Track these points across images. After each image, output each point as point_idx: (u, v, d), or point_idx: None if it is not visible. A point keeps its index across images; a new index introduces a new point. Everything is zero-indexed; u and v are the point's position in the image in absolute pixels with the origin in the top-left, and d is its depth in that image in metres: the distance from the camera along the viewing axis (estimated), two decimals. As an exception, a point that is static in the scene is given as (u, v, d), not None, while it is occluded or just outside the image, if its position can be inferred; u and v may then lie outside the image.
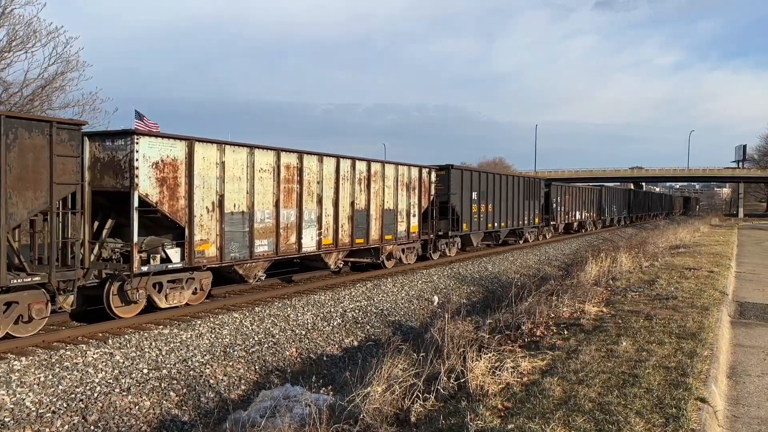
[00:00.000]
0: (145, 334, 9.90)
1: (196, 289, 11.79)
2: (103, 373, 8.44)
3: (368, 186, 16.11)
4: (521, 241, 28.62)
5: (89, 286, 10.46)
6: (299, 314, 12.36)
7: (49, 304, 9.22)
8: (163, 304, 11.03)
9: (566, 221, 35.77)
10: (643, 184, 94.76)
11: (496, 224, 24.73)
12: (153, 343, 9.60)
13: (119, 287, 10.45)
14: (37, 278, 8.83)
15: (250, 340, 10.71)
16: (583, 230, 40.34)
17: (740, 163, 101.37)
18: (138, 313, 10.80)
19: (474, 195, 22.47)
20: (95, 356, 8.77)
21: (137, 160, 10.01)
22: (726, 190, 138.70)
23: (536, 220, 29.67)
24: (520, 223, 27.64)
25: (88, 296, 10.62)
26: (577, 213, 38.22)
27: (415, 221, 18.62)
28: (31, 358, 8.34)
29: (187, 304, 11.60)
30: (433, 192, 19.84)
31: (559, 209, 33.91)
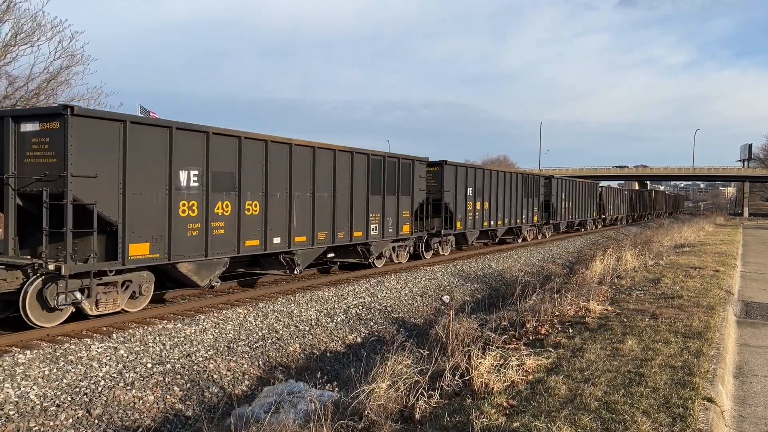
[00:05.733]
0: (149, 328, 9.90)
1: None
2: (108, 367, 8.45)
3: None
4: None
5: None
6: (303, 310, 12.35)
7: None
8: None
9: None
10: (648, 182, 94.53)
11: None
12: (157, 338, 9.60)
13: None
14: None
15: (254, 335, 10.71)
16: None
17: (746, 162, 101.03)
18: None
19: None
20: (99, 350, 8.77)
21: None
22: (731, 190, 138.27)
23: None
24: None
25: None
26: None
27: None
28: (35, 351, 8.35)
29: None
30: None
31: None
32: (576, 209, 34.93)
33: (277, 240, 12.69)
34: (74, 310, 9.58)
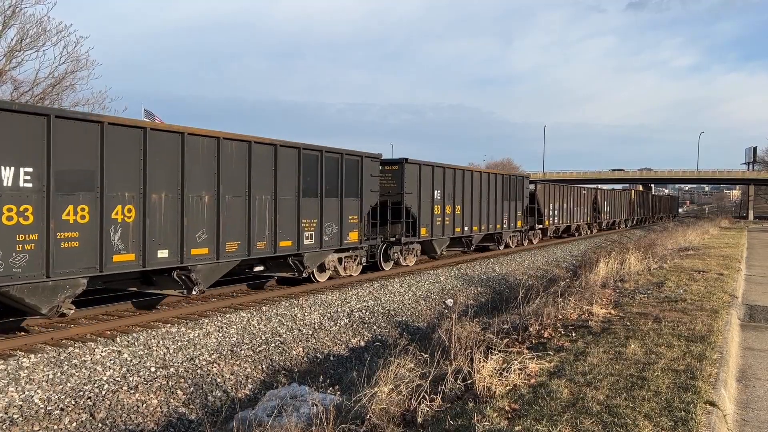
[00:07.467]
0: (153, 332, 9.93)
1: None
2: (111, 370, 8.48)
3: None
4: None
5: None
6: (306, 314, 12.37)
7: None
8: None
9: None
10: (652, 186, 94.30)
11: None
12: (160, 342, 9.63)
13: None
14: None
15: (257, 339, 10.73)
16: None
17: (750, 165, 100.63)
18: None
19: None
20: (103, 354, 8.81)
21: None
22: (735, 192, 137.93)
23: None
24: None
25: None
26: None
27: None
28: (39, 355, 8.39)
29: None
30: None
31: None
32: (475, 216, 21.91)
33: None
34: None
